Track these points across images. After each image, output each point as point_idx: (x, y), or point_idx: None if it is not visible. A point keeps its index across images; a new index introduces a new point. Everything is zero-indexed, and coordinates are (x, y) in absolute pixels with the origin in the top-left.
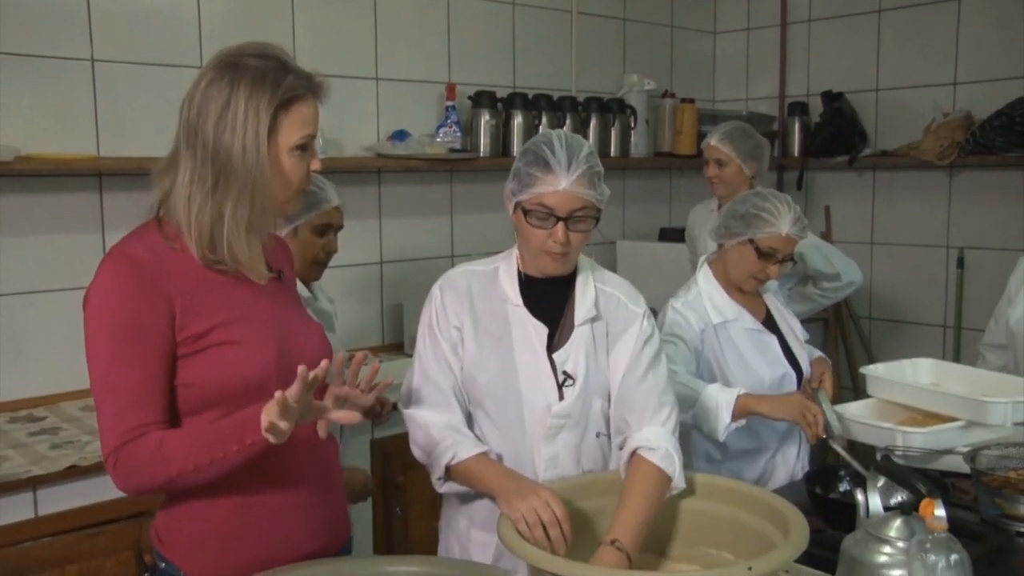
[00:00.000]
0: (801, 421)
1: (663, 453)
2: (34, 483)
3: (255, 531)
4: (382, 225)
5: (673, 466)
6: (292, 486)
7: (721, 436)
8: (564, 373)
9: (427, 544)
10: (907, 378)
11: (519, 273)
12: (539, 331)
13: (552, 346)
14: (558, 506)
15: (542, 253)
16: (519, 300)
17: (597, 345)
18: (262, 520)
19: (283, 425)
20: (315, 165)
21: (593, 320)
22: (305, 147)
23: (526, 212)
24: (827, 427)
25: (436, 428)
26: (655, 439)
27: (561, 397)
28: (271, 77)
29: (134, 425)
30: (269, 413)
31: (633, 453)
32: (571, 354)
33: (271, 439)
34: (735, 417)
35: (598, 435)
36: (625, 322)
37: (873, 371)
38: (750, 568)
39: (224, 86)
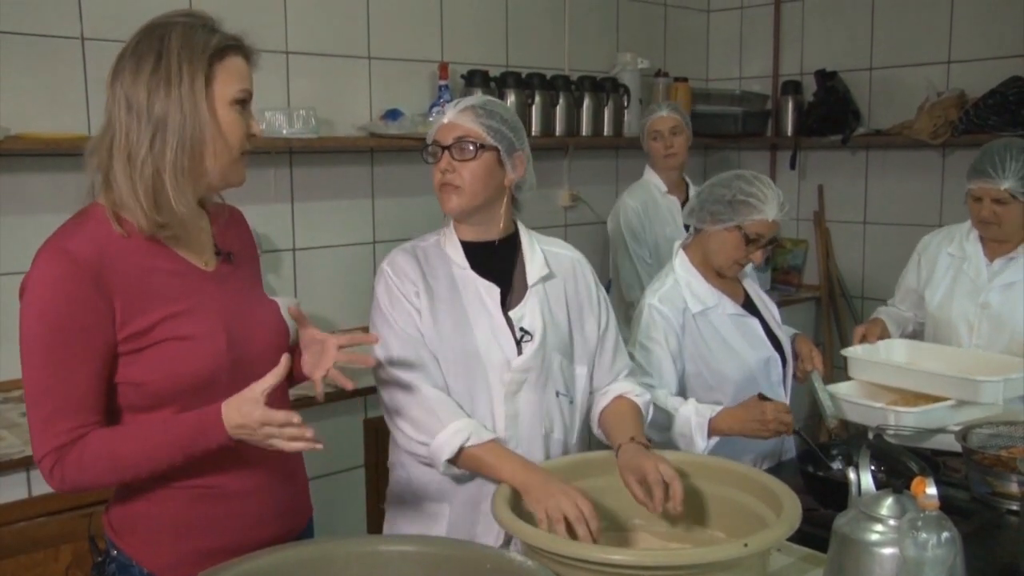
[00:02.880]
0: (765, 432)
1: (645, 401)
2: (27, 463)
3: (213, 518)
4: (375, 204)
5: (647, 416)
6: (250, 470)
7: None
8: (522, 330)
9: None
10: (883, 359)
11: (461, 242)
12: (490, 291)
13: (506, 305)
14: (585, 504)
15: (439, 192)
16: (465, 263)
17: (552, 303)
18: (220, 507)
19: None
20: (255, 128)
21: (546, 279)
22: (243, 104)
23: (425, 153)
24: (821, 408)
25: (440, 405)
26: (633, 391)
27: (520, 353)
28: (200, 31)
29: (74, 426)
30: (244, 414)
31: (617, 396)
32: (527, 312)
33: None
34: (709, 436)
35: (557, 394)
36: (588, 284)
37: (853, 353)
38: (746, 545)
39: (154, 42)
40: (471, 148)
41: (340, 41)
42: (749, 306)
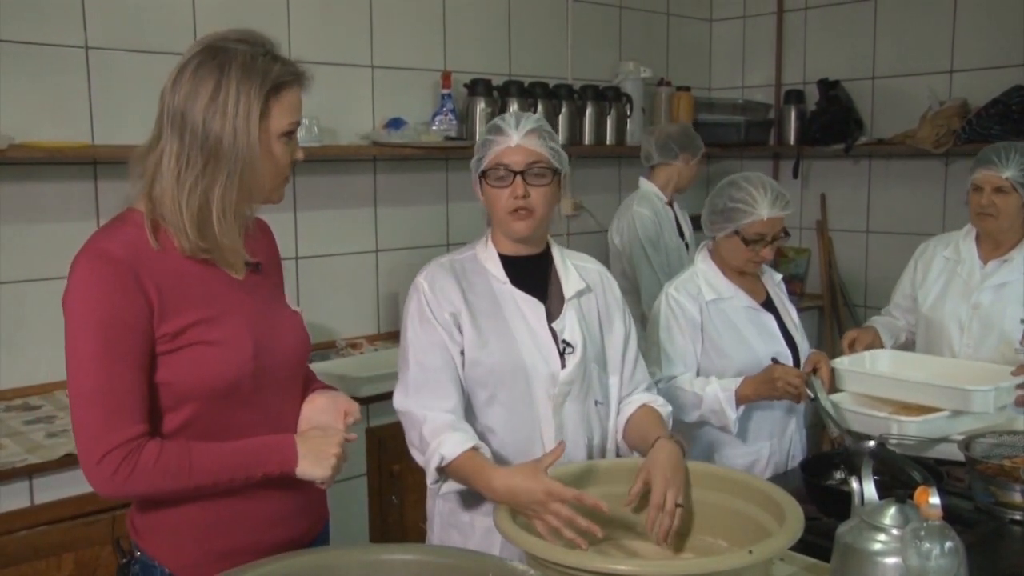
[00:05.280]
0: (776, 394)
1: (668, 412)
2: (30, 472)
3: (232, 520)
4: (377, 213)
5: (669, 425)
6: None
7: (733, 429)
8: (564, 342)
9: (423, 532)
10: (868, 370)
11: (498, 255)
12: (532, 305)
13: (548, 318)
14: (561, 509)
15: (507, 216)
16: (505, 278)
17: (587, 315)
18: (239, 508)
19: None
20: (299, 155)
21: (581, 294)
22: (291, 134)
23: (487, 176)
24: (821, 414)
25: (428, 428)
26: (656, 400)
27: (563, 365)
28: (260, 62)
29: (140, 426)
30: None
31: (641, 405)
32: (567, 324)
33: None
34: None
35: (596, 403)
36: (615, 296)
37: (840, 364)
38: (750, 552)
39: (214, 69)
40: (548, 174)
41: (343, 50)
42: (768, 306)
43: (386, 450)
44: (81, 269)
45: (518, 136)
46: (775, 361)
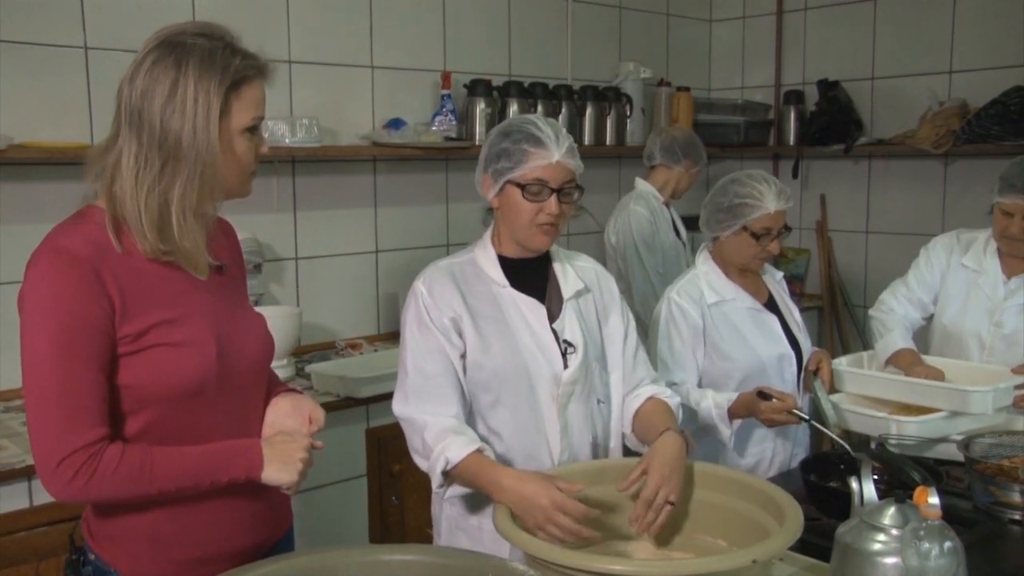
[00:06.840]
0: (760, 416)
1: (676, 403)
2: (29, 473)
3: (192, 528)
4: (377, 214)
5: (679, 416)
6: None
7: (729, 444)
8: (565, 342)
9: (423, 533)
10: (867, 370)
11: (498, 257)
12: (533, 307)
13: (549, 319)
14: (562, 520)
15: (533, 228)
16: (505, 281)
17: (586, 314)
18: (199, 516)
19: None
20: (264, 149)
21: (580, 294)
22: (255, 129)
23: (522, 187)
24: (822, 413)
25: (431, 433)
26: (663, 392)
27: (566, 366)
28: (220, 57)
29: (99, 430)
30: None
31: (649, 398)
32: (567, 324)
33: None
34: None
35: (599, 402)
36: (612, 293)
37: (840, 364)
38: (754, 561)
39: (170, 67)
40: (575, 191)
41: (343, 50)
42: (771, 306)
43: (386, 451)
44: (41, 266)
45: (559, 153)
46: (760, 394)
